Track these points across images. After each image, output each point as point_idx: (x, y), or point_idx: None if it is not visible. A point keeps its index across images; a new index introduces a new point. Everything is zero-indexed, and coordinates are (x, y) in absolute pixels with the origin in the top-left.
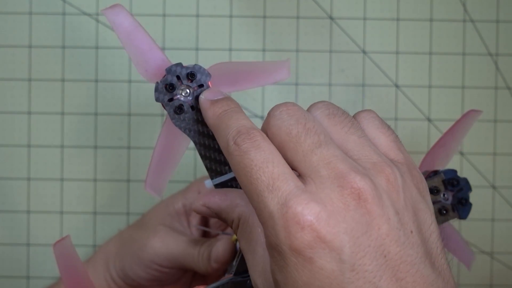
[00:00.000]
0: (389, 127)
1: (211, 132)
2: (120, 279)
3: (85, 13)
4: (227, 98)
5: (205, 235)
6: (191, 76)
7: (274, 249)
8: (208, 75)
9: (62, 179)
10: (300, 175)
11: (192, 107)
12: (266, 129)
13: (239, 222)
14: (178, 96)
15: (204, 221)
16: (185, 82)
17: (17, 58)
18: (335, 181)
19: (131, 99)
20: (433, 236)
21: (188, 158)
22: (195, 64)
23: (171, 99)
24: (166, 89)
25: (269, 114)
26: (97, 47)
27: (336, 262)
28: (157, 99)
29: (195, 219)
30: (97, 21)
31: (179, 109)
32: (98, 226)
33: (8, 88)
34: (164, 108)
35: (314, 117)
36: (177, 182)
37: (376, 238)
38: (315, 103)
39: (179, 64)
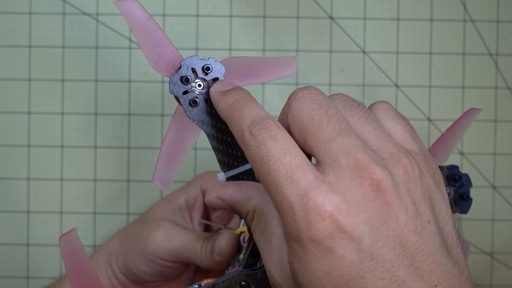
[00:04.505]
0: (404, 118)
1: (224, 125)
2: (123, 275)
3: (85, 13)
4: (238, 88)
5: (207, 230)
6: (206, 69)
7: (293, 239)
8: (223, 68)
9: (62, 179)
10: (318, 162)
11: (206, 100)
12: (286, 112)
13: (254, 214)
14: (193, 88)
15: (206, 216)
16: (200, 75)
17: (17, 58)
18: (354, 172)
19: (131, 99)
20: (448, 226)
21: (188, 158)
22: (210, 58)
23: (185, 92)
24: (182, 81)
25: (290, 97)
26: (97, 47)
27: (355, 251)
28: (171, 91)
29: (197, 214)
30: (97, 21)
31: (193, 102)
32: (98, 226)
33: (8, 88)
34: (178, 100)
35: (336, 104)
36: (177, 182)
37: (395, 228)
38: (331, 95)
39: (194, 57)
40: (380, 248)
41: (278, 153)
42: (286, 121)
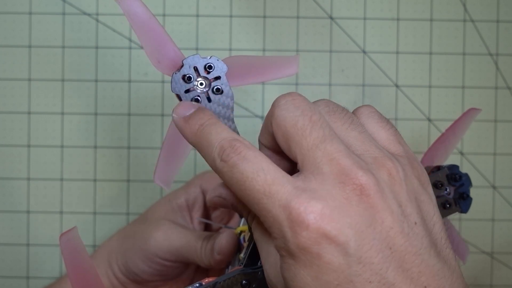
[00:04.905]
0: (388, 121)
1: (226, 124)
2: (123, 275)
3: (85, 13)
4: (200, 110)
5: (207, 229)
6: (208, 68)
7: (282, 249)
8: (225, 67)
9: (62, 179)
10: (301, 169)
11: (208, 99)
12: (271, 119)
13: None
14: (195, 87)
15: (206, 215)
16: (202, 73)
17: (17, 58)
18: (337, 178)
19: (131, 99)
20: (436, 227)
21: (188, 158)
22: (212, 56)
23: (187, 91)
24: (184, 80)
25: (274, 104)
26: (97, 47)
27: (342, 256)
28: (173, 90)
29: (197, 214)
30: (97, 21)
31: (195, 101)
32: (98, 226)
33: (8, 88)
34: (180, 99)
35: (319, 110)
36: (177, 182)
37: (381, 231)
38: (315, 101)
39: (196, 56)
40: (367, 251)
41: (251, 173)
42: (270, 128)
